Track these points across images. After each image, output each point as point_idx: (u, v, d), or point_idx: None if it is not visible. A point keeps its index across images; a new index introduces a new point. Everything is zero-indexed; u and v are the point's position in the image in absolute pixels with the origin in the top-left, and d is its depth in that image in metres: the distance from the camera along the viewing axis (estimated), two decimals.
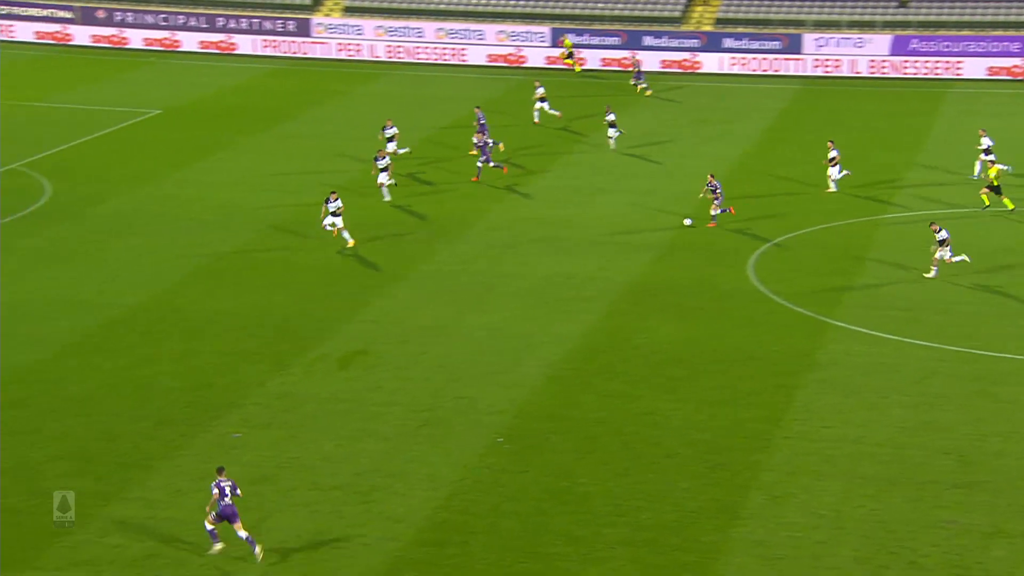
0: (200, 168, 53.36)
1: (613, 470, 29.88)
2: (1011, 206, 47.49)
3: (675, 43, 76.43)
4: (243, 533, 26.36)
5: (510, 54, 77.32)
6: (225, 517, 26.40)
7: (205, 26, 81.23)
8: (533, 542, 26.98)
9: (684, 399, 33.48)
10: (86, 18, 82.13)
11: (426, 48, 78.82)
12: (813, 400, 33.43)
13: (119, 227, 45.74)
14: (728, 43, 75.53)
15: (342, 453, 30.52)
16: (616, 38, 77.29)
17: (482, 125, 55.01)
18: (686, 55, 75.17)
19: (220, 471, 26.84)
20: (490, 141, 53.27)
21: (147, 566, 25.83)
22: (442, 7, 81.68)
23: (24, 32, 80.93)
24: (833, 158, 50.51)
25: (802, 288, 40.85)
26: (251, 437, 31.16)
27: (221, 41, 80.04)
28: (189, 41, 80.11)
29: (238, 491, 26.62)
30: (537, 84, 62.51)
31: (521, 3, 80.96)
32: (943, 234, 41.23)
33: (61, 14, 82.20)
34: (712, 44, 75.66)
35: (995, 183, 47.47)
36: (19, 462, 29.47)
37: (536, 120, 61.42)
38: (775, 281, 41.31)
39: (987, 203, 47.66)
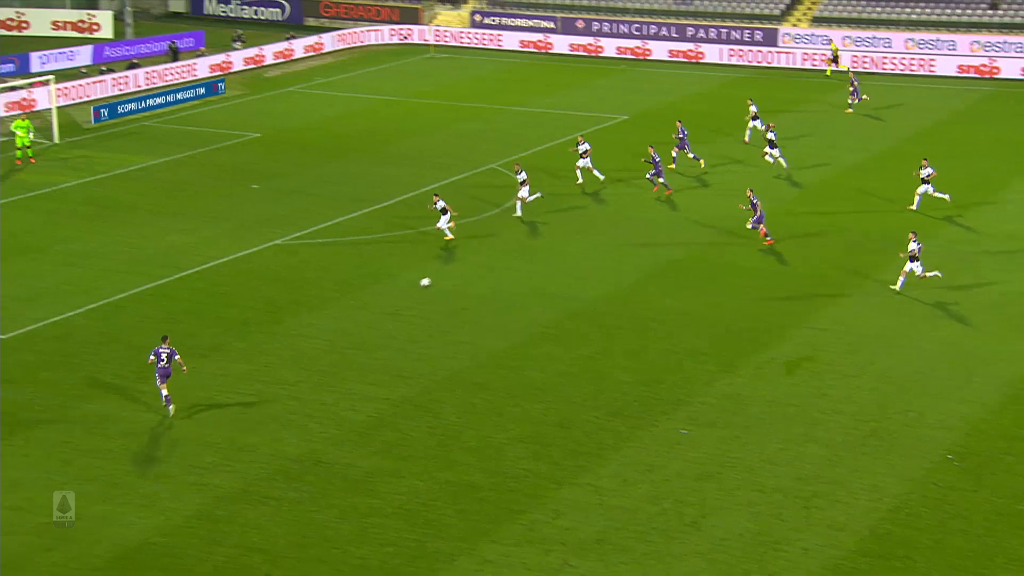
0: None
1: None
2: None
3: None
4: (165, 391, 32.10)
5: (982, 65, 74.44)
6: (164, 377, 32.00)
7: (675, 35, 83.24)
8: (982, 563, 26.27)
9: None
10: (566, 28, 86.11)
11: (893, 58, 77.25)
12: None
13: (584, 225, 47.80)
14: None
15: (785, 457, 30.76)
16: None
17: (682, 140, 54.21)
18: None
19: (164, 339, 32.53)
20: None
21: (595, 549, 26.95)
22: (913, 17, 79.75)
23: (510, 41, 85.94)
24: (926, 176, 47.61)
25: None
26: (697, 434, 31.94)
27: (690, 50, 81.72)
28: (659, 50, 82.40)
29: (176, 356, 32.16)
30: (750, 102, 60.18)
31: (999, 14, 77.69)
32: (914, 246, 39.18)
33: (544, 24, 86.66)
34: None
35: None
36: (483, 441, 31.53)
37: (746, 140, 59.03)
38: None
39: None
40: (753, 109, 59.60)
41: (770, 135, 54.32)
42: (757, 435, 31.87)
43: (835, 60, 75.45)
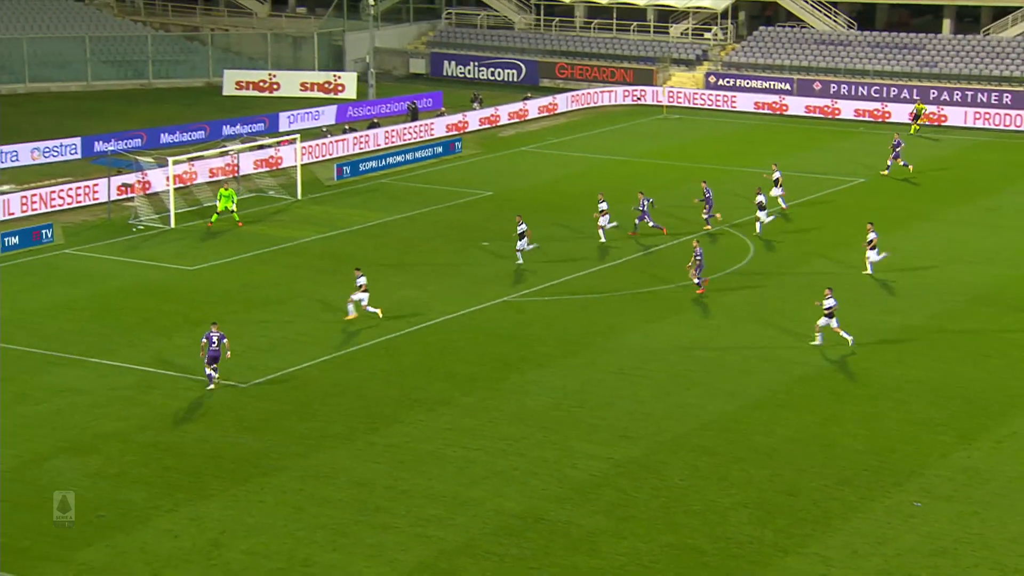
0: (897, 237, 53.40)
1: None
2: None
3: None
4: (208, 371, 36.91)
5: None
6: (212, 359, 36.67)
7: (917, 98, 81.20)
8: None
9: None
10: (802, 89, 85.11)
11: None
12: None
13: (810, 288, 46.83)
14: None
15: None
16: None
17: (708, 199, 54.05)
18: None
19: (214, 324, 37.20)
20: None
21: None
22: None
23: (745, 103, 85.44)
24: (871, 241, 46.42)
25: None
26: (931, 508, 30.77)
27: (931, 112, 79.60)
28: (899, 112, 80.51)
29: (225, 340, 36.70)
30: (775, 167, 57.24)
31: None
32: (831, 301, 40.22)
33: (780, 86, 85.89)
34: None
35: None
36: (707, 505, 30.99)
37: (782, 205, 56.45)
38: None
39: None
40: (777, 175, 57.58)
41: (760, 198, 53.81)
42: (997, 512, 30.51)
43: (918, 118, 72.83)
